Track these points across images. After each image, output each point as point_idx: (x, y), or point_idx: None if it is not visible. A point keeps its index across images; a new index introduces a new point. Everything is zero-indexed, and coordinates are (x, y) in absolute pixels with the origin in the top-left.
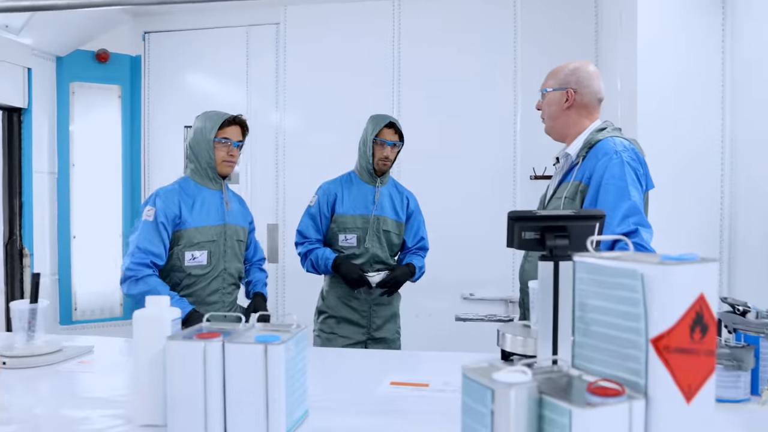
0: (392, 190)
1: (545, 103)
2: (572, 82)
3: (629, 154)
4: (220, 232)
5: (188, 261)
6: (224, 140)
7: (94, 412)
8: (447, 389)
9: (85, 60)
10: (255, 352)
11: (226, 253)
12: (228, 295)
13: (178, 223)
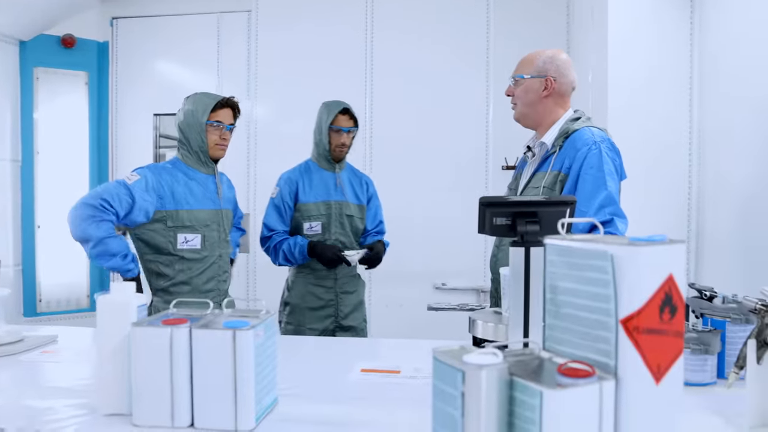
0: (350, 175)
1: (521, 90)
2: (551, 70)
3: (607, 144)
4: (213, 217)
5: (181, 243)
6: (216, 123)
7: (57, 401)
8: (418, 376)
9: (50, 45)
10: (223, 338)
11: (220, 239)
12: (223, 282)
13: (164, 202)
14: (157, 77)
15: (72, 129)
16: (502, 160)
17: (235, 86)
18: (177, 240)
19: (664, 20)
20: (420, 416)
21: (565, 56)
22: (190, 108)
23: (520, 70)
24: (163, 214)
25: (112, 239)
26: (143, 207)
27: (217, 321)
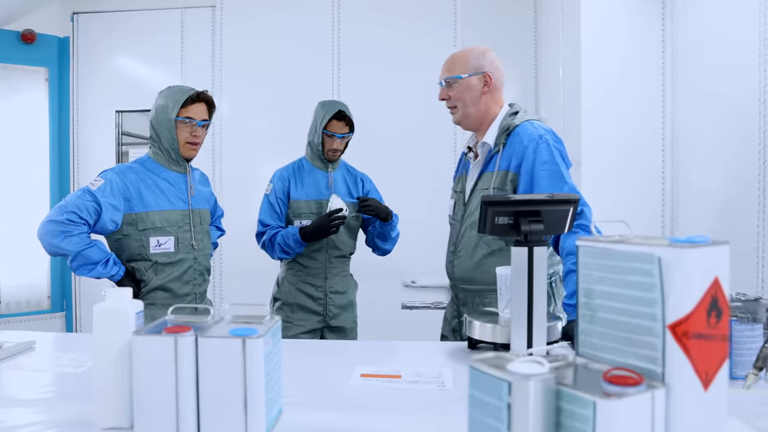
0: (345, 173)
1: (460, 91)
2: (486, 65)
3: (551, 136)
4: (185, 217)
5: (153, 248)
6: (187, 120)
7: (49, 414)
8: (421, 380)
9: (9, 40)
10: (232, 347)
11: (195, 240)
12: (199, 286)
13: (132, 204)
14: (120, 73)
15: (31, 126)
16: None
17: (199, 83)
18: (150, 244)
19: (635, 14)
20: (426, 422)
21: (491, 50)
22: (161, 103)
23: (453, 71)
24: (133, 218)
25: (88, 249)
26: (109, 212)
27: (221, 328)
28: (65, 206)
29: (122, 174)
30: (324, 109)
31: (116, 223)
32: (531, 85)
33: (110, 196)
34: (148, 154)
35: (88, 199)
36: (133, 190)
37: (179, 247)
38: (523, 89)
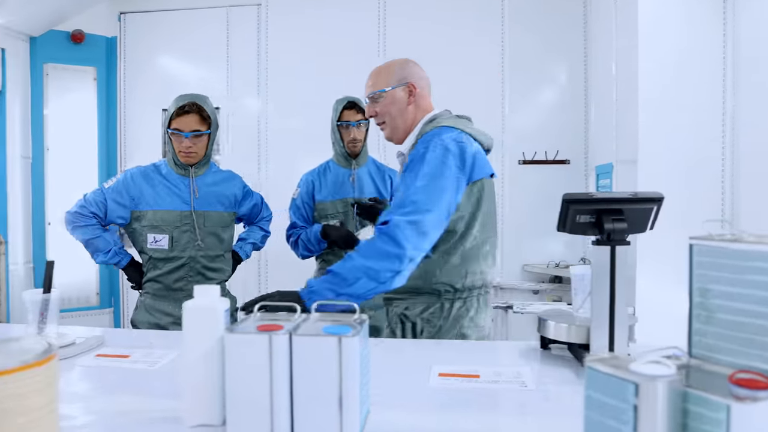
0: (372, 169)
1: (386, 105)
2: (409, 76)
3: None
4: (185, 218)
5: (150, 243)
6: (176, 132)
7: (135, 411)
8: (500, 380)
9: (60, 41)
10: (327, 345)
11: (193, 241)
12: (196, 283)
13: (137, 202)
14: (165, 72)
15: (81, 125)
16: (519, 154)
17: (244, 80)
18: (147, 240)
19: (694, 5)
20: (510, 423)
21: (413, 61)
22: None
23: (377, 85)
24: (138, 215)
25: (97, 239)
26: (114, 208)
27: (311, 326)
28: (82, 200)
29: (132, 175)
30: (336, 104)
31: (124, 218)
32: (580, 81)
33: (117, 194)
34: None
35: (98, 196)
36: (138, 190)
37: (174, 245)
38: (572, 85)
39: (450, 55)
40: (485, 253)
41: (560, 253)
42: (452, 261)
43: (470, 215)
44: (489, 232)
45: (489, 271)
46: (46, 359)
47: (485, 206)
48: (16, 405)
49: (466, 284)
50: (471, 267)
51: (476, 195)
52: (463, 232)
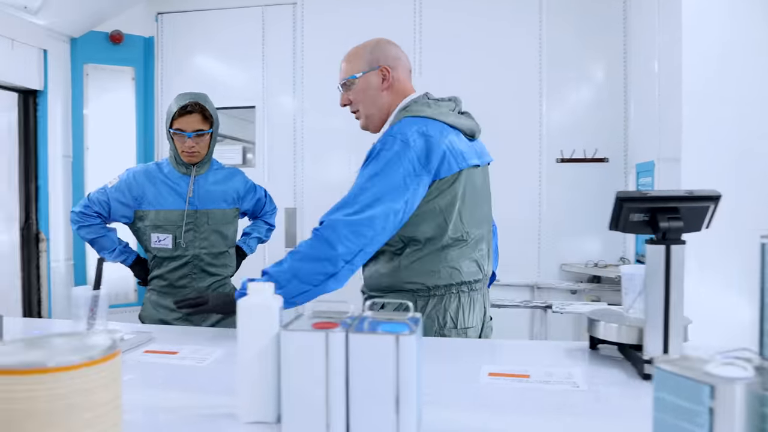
0: None
1: (357, 92)
2: (382, 58)
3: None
4: (187, 217)
5: (154, 242)
6: (178, 132)
7: (189, 407)
8: (551, 380)
9: (99, 41)
10: (385, 343)
11: (196, 239)
12: (200, 281)
13: (140, 202)
14: (202, 71)
15: (120, 124)
16: (557, 152)
17: (280, 80)
18: (151, 239)
19: None
20: (564, 424)
21: (390, 41)
22: (167, 111)
23: (348, 71)
24: (141, 214)
25: (102, 238)
26: (117, 207)
27: (369, 324)
28: (86, 200)
29: (135, 175)
30: None
31: (127, 217)
32: (619, 78)
33: (119, 194)
34: None
35: (102, 195)
36: (140, 190)
37: (177, 244)
38: (610, 82)
39: (487, 52)
40: (464, 250)
41: (598, 252)
42: (422, 259)
43: (441, 212)
44: (473, 227)
45: (473, 267)
46: (111, 355)
47: (462, 201)
48: (83, 400)
49: (440, 282)
50: (444, 265)
51: (451, 190)
52: (433, 229)
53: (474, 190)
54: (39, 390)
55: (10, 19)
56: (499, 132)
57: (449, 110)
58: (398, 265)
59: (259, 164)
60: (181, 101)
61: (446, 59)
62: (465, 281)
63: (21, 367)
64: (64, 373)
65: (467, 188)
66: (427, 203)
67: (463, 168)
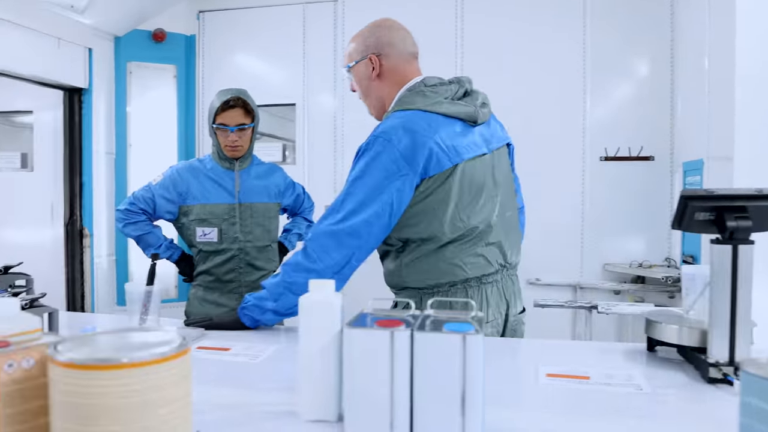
0: None
1: (355, 82)
2: (371, 45)
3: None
4: (232, 211)
5: (199, 237)
6: (222, 126)
7: (249, 404)
8: (612, 383)
9: (142, 39)
10: (451, 343)
11: (241, 233)
12: (246, 275)
13: (185, 197)
14: (242, 69)
15: (161, 121)
16: (601, 150)
17: (320, 78)
18: (196, 233)
19: None
20: (631, 428)
21: (390, 22)
22: (208, 108)
23: (347, 58)
24: (186, 209)
25: (147, 234)
26: (162, 203)
27: (433, 323)
28: (131, 198)
29: (179, 171)
30: None
31: (172, 213)
32: (665, 76)
33: (164, 190)
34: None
35: (147, 192)
36: (186, 185)
37: (222, 237)
38: (655, 80)
39: (529, 55)
40: (470, 244)
41: (642, 252)
42: (421, 258)
43: (433, 210)
44: (476, 220)
45: (479, 261)
46: (182, 352)
47: (464, 194)
48: (157, 396)
49: (442, 280)
50: (447, 262)
51: (444, 187)
52: (427, 228)
53: (475, 181)
54: (113, 386)
55: (57, 18)
56: (542, 131)
57: (445, 97)
58: (400, 264)
59: (299, 161)
60: (223, 96)
61: (487, 63)
62: (471, 277)
63: (94, 362)
64: (139, 369)
65: (464, 182)
66: (418, 203)
67: (458, 163)
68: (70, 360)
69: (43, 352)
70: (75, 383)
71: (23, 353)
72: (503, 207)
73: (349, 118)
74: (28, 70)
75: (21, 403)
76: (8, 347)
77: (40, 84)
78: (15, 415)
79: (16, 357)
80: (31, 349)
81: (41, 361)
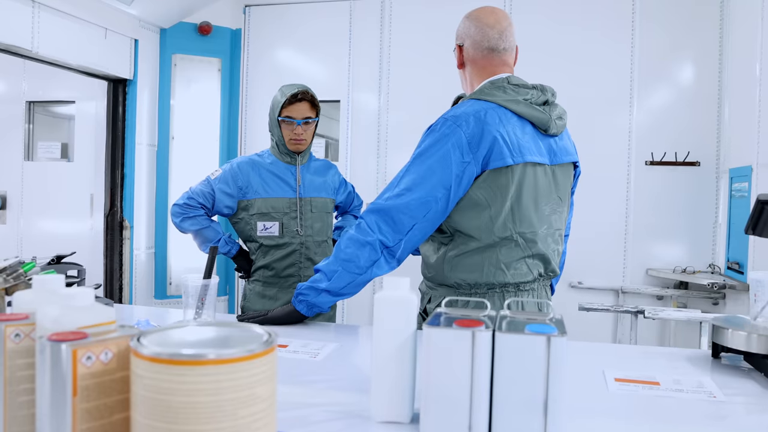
0: None
1: None
2: (461, 35)
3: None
4: (293, 205)
5: (260, 231)
6: (288, 119)
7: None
8: (684, 389)
9: (188, 32)
10: (535, 344)
11: (302, 227)
12: (306, 269)
13: (245, 192)
14: (287, 64)
15: (205, 114)
16: (647, 154)
17: (366, 75)
18: (257, 227)
19: None
20: None
21: (486, 11)
22: (272, 102)
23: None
24: (246, 204)
25: (205, 229)
26: (222, 198)
27: (513, 324)
28: (189, 192)
29: (239, 165)
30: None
31: (231, 208)
32: (713, 81)
33: (224, 184)
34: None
35: (206, 187)
36: (246, 179)
37: (284, 231)
38: (703, 86)
39: (576, 58)
40: (518, 250)
41: (686, 258)
42: (467, 254)
43: (487, 206)
44: (527, 227)
45: (522, 268)
46: (270, 349)
47: (522, 198)
48: (247, 395)
49: (482, 280)
50: (489, 263)
51: (502, 184)
52: (477, 223)
53: (534, 189)
54: (203, 382)
55: (105, 8)
56: (588, 134)
57: (524, 98)
58: (443, 258)
59: (342, 159)
60: (290, 90)
61: (534, 64)
62: (510, 282)
63: (183, 358)
64: (228, 366)
65: (522, 185)
66: (473, 194)
67: (519, 162)
68: (156, 354)
69: (121, 344)
70: (162, 378)
71: (101, 345)
72: (554, 223)
73: (393, 117)
74: (75, 59)
75: (98, 397)
76: (86, 339)
77: (85, 74)
78: (92, 410)
79: (94, 349)
80: (108, 341)
81: (119, 355)
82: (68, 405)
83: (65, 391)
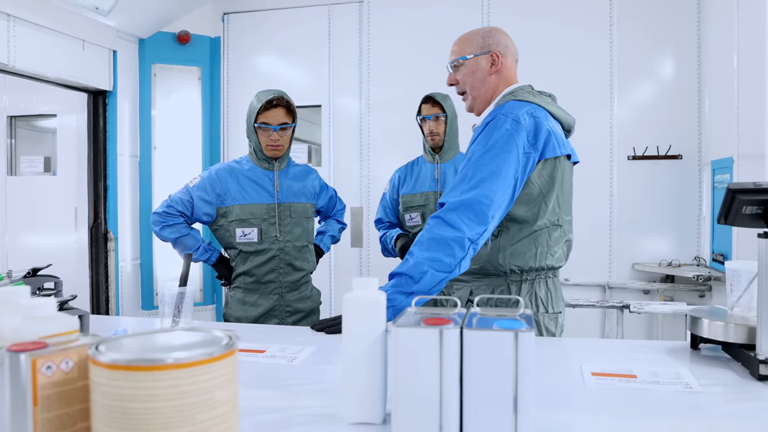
0: (458, 165)
1: (466, 74)
2: (493, 44)
3: (513, 116)
4: (270, 210)
5: (239, 237)
6: (264, 125)
7: (292, 408)
8: (661, 381)
9: (167, 42)
10: (503, 341)
11: (281, 233)
12: (286, 275)
13: (223, 199)
14: (267, 70)
15: (186, 123)
16: (629, 149)
17: (346, 79)
18: (236, 234)
19: None
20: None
21: (499, 29)
22: (248, 108)
23: (460, 52)
24: (224, 210)
25: (184, 237)
26: (201, 205)
27: (481, 321)
28: (168, 200)
29: (217, 172)
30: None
31: (210, 215)
32: (692, 75)
33: (202, 191)
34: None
35: (184, 195)
36: (224, 186)
37: (263, 237)
38: (682, 79)
39: (555, 54)
40: (557, 235)
41: (672, 251)
42: (521, 240)
43: (541, 194)
44: (565, 213)
45: (559, 253)
46: (230, 352)
47: (559, 186)
48: (206, 399)
49: (534, 264)
50: (541, 248)
51: (548, 173)
52: (533, 210)
53: (566, 179)
54: (161, 387)
55: (82, 20)
56: None
57: (550, 101)
58: (495, 247)
59: (325, 163)
60: (265, 96)
61: None
62: (554, 266)
63: (140, 363)
64: (187, 370)
65: (564, 175)
66: (529, 184)
67: (563, 154)
68: (113, 361)
69: (83, 353)
70: (120, 385)
71: (62, 355)
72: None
73: (375, 120)
74: (53, 72)
75: (59, 407)
76: (46, 348)
77: (64, 86)
78: (53, 420)
79: (54, 359)
80: (69, 350)
81: (80, 363)
82: (29, 415)
83: (25, 401)
